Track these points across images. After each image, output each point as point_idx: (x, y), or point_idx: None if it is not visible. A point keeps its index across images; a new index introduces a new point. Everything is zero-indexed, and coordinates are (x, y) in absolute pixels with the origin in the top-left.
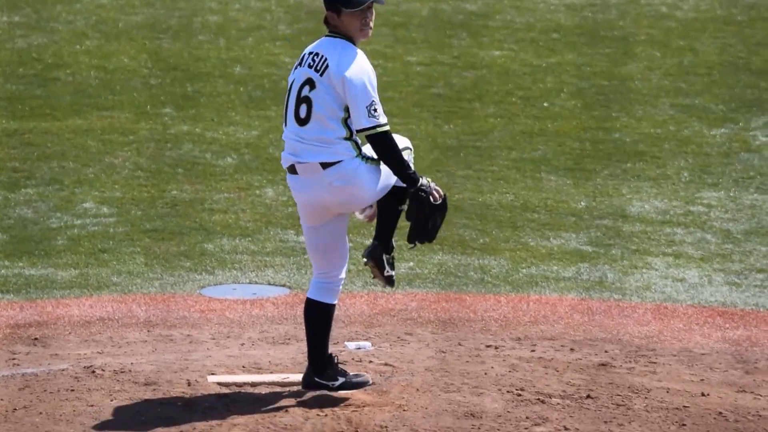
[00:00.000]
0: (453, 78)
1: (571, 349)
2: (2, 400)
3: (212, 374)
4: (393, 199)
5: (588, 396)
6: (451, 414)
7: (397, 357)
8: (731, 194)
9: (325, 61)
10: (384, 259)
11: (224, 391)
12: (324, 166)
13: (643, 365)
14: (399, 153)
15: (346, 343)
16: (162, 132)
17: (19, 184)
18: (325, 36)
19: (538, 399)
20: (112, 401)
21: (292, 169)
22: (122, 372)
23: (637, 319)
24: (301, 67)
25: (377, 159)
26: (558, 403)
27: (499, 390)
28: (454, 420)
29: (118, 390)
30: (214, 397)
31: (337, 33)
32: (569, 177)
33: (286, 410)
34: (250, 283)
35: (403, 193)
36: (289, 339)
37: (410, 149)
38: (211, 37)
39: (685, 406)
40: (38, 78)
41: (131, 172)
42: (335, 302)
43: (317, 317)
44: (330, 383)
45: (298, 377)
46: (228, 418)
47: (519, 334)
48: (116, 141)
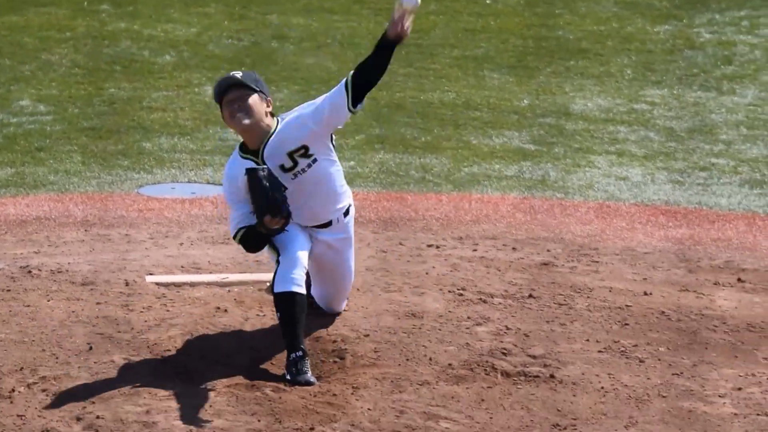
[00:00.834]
0: None
1: (513, 249)
2: None
3: (150, 274)
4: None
5: (530, 295)
6: (392, 314)
7: None
8: (675, 92)
9: None
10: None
11: (162, 291)
12: None
13: (585, 264)
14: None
15: None
16: (99, 29)
17: None
18: None
19: (480, 299)
20: (48, 301)
21: None
22: (59, 272)
23: (580, 218)
24: None
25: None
26: (500, 303)
27: (441, 290)
28: (395, 320)
29: (54, 290)
30: (152, 297)
31: None
32: (512, 75)
33: (226, 310)
34: (189, 182)
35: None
36: (228, 239)
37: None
38: None
39: (627, 306)
40: None
41: (68, 70)
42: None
43: None
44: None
45: (238, 277)
46: (166, 318)
47: (461, 234)
48: (53, 38)
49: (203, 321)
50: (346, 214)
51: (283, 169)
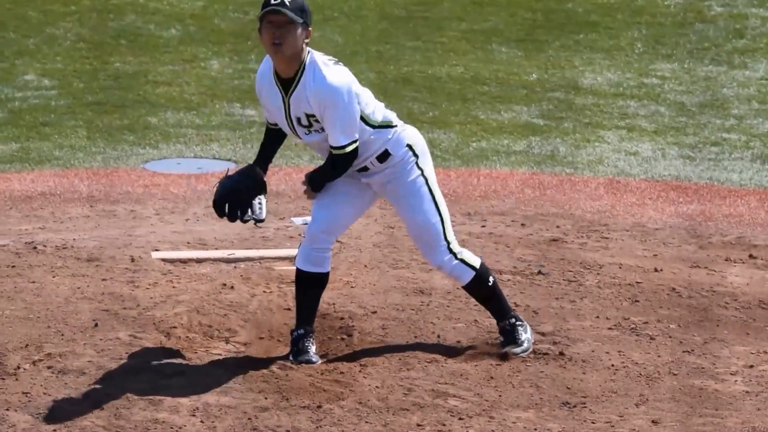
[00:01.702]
0: None
1: (522, 225)
2: None
3: (156, 250)
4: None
5: (539, 272)
6: (400, 291)
7: (345, 233)
8: (685, 66)
9: None
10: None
11: (168, 267)
12: None
13: (595, 240)
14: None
15: (292, 218)
16: (104, 2)
17: None
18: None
19: None
20: (54, 277)
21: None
22: (64, 248)
23: (589, 193)
24: None
25: None
26: (509, 279)
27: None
28: (403, 297)
29: (60, 266)
30: (158, 273)
31: None
32: (521, 48)
33: (232, 287)
34: (195, 157)
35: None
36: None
37: None
38: None
39: (637, 282)
40: None
41: (73, 44)
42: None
43: None
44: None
45: (244, 253)
46: (172, 295)
47: (469, 209)
48: (58, 11)
49: (209, 297)
50: (382, 159)
51: (299, 122)
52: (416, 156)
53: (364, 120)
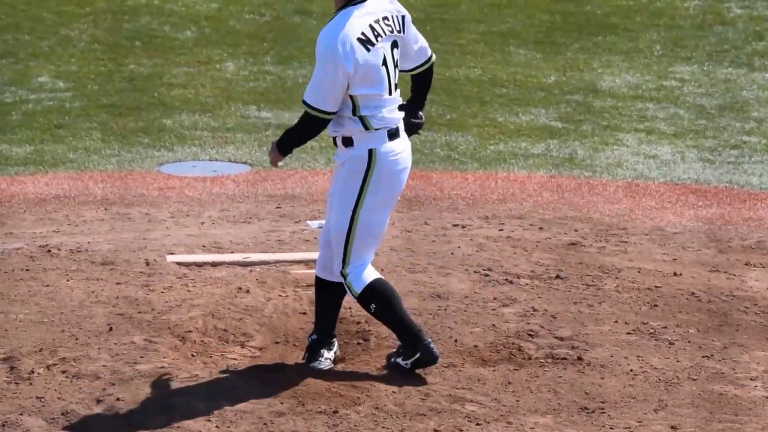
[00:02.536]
0: None
1: (540, 228)
2: None
3: (171, 254)
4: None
5: (557, 276)
6: (417, 295)
7: None
8: (705, 68)
9: (401, 18)
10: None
11: (183, 271)
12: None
13: (613, 244)
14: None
15: (308, 221)
16: (119, 3)
17: None
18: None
19: (506, 279)
20: (68, 281)
21: (397, 134)
22: (79, 251)
23: (608, 197)
24: (382, 38)
25: None
26: (526, 284)
27: (466, 270)
28: (420, 301)
29: (74, 270)
30: (173, 277)
31: None
32: (539, 51)
33: (248, 291)
34: (210, 159)
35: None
36: (250, 218)
37: None
38: None
39: (656, 287)
40: None
41: (88, 45)
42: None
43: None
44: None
45: (260, 257)
46: (187, 298)
47: (487, 213)
48: (72, 13)
49: (225, 301)
50: (346, 144)
51: None
52: (369, 168)
53: (352, 100)
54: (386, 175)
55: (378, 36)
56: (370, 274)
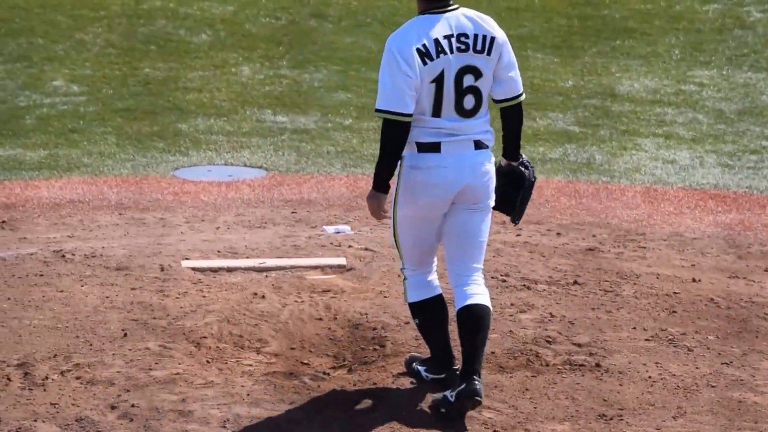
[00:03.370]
0: None
1: (558, 234)
2: None
3: (186, 259)
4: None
5: (575, 282)
6: None
7: (378, 241)
8: (724, 72)
9: (486, 38)
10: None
11: (199, 276)
12: (481, 146)
13: (632, 250)
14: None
15: (324, 227)
16: (134, 7)
17: None
18: (449, 10)
19: (524, 285)
20: (82, 286)
21: (432, 147)
22: (93, 256)
23: (626, 202)
24: (445, 54)
25: None
26: (544, 290)
27: (483, 276)
28: None
29: (88, 275)
30: (188, 282)
31: (450, 4)
32: (556, 55)
33: (263, 296)
34: (225, 164)
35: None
36: (265, 223)
37: None
38: None
39: (675, 293)
40: None
41: (102, 49)
42: (411, 300)
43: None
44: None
45: (275, 262)
46: (203, 304)
47: (504, 218)
48: (87, 16)
49: (240, 307)
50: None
51: None
52: (399, 177)
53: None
54: (416, 187)
55: (441, 52)
56: (427, 290)
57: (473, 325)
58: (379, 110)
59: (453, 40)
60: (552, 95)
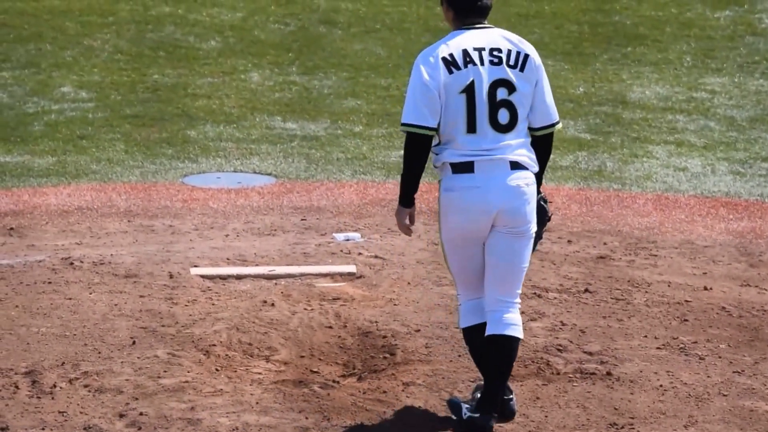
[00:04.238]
0: None
1: (569, 241)
2: None
3: (195, 266)
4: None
5: (586, 290)
6: (444, 309)
7: (388, 249)
8: (736, 80)
9: (520, 54)
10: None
11: (208, 284)
12: (518, 167)
13: (643, 258)
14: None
15: (334, 234)
16: (143, 13)
17: None
18: (481, 27)
19: (534, 293)
20: (90, 294)
21: (465, 167)
22: (101, 264)
23: (638, 209)
24: (474, 65)
25: None
26: (555, 298)
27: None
28: (446, 315)
29: (97, 282)
30: (197, 290)
31: (486, 22)
32: (567, 62)
33: (273, 304)
34: (234, 171)
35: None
36: (275, 230)
37: None
38: None
39: (686, 301)
40: None
41: (111, 56)
42: (464, 325)
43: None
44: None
45: (285, 270)
46: (212, 312)
47: None
48: (95, 22)
49: (249, 315)
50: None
51: None
52: (438, 201)
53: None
54: (451, 210)
55: (470, 62)
56: (481, 315)
57: (506, 355)
58: (403, 124)
59: (485, 53)
60: (563, 102)
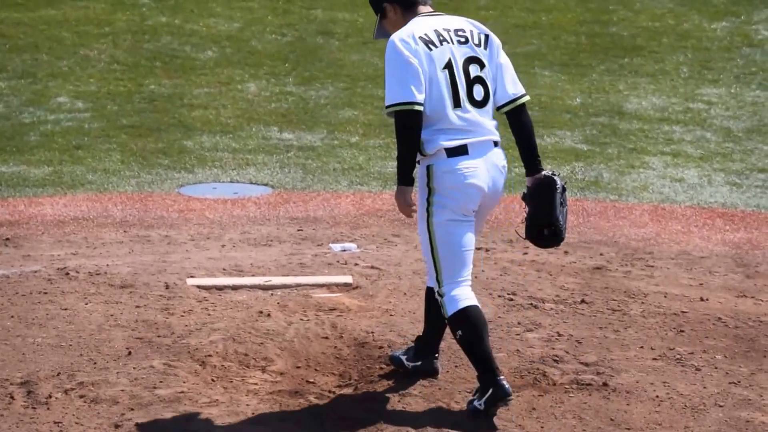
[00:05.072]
0: None
1: (565, 252)
2: None
3: (191, 277)
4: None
5: (582, 301)
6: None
7: (384, 259)
8: (732, 91)
9: (482, 34)
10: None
11: (204, 294)
12: (497, 145)
13: (639, 269)
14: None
15: (330, 244)
16: (139, 23)
17: None
18: (438, 14)
19: (531, 304)
20: (86, 304)
21: (459, 151)
22: (97, 274)
23: (634, 220)
24: (448, 43)
25: None
26: (551, 308)
27: (490, 294)
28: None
29: (93, 293)
30: (193, 300)
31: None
32: (564, 72)
33: (269, 315)
34: (231, 181)
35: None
36: (271, 241)
37: None
38: None
39: (683, 312)
40: None
41: (107, 66)
42: (451, 311)
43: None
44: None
45: (281, 280)
46: (208, 322)
47: (511, 236)
48: (91, 33)
49: (245, 325)
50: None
51: None
52: (429, 183)
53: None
54: (450, 189)
55: (443, 41)
56: (466, 298)
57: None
58: (388, 106)
59: (451, 33)
60: (560, 113)
